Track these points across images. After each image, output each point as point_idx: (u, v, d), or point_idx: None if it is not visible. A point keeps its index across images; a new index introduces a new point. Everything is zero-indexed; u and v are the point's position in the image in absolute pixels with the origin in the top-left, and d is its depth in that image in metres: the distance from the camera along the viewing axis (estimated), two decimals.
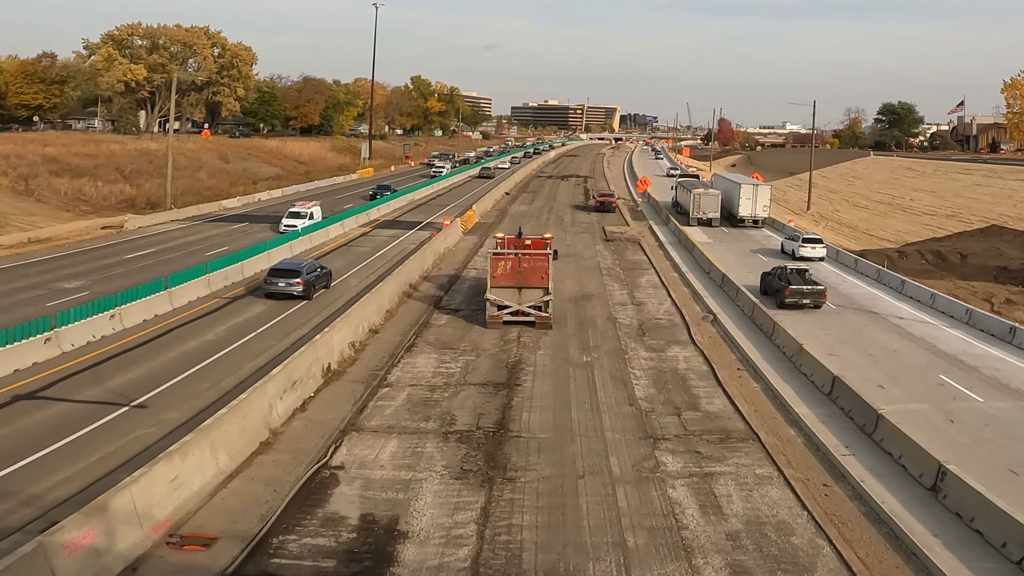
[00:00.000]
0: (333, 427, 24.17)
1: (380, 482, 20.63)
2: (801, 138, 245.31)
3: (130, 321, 33.59)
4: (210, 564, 16.56)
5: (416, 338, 34.24)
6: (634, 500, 20.11)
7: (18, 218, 58.82)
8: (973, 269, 62.84)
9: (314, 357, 27.51)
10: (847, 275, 52.39)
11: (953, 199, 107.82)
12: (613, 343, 34.56)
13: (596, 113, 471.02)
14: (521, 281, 35.90)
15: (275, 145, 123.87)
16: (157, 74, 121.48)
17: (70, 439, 22.27)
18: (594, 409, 26.50)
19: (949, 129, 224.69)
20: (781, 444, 24.10)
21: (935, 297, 43.23)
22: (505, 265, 36.00)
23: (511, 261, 36.11)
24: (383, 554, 17.19)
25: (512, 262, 36.06)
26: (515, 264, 36.03)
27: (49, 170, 72.98)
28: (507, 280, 35.85)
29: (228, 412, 21.30)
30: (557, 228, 67.81)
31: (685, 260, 55.61)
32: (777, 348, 33.57)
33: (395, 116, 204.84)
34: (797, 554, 17.81)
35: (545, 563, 17.14)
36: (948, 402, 27.90)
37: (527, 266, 36.00)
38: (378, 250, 55.64)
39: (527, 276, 35.88)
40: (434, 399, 27.00)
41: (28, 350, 28.02)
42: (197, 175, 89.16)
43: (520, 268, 35.94)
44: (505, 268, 35.97)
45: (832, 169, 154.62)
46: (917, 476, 21.26)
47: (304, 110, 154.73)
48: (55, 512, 17.85)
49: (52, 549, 14.63)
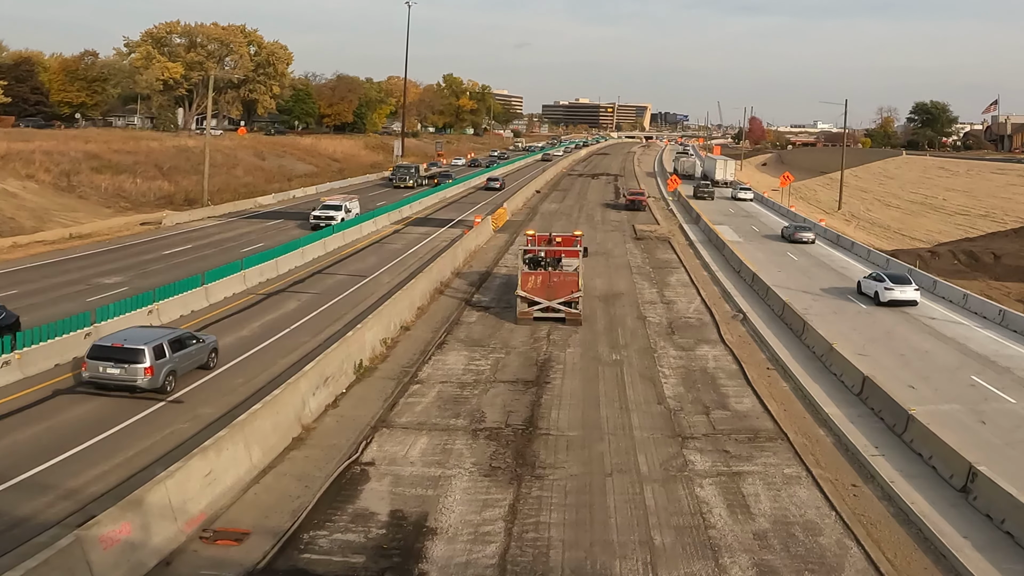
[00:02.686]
0: (364, 423, 24.48)
1: (410, 478, 20.89)
2: (832, 137, 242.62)
3: (167, 316, 34.17)
4: (242, 559, 16.86)
5: (447, 335, 34.51)
6: (662, 499, 20.19)
7: (60, 214, 59.98)
8: (1007, 270, 62.05)
9: (346, 354, 27.85)
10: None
11: (987, 199, 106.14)
12: (642, 341, 34.60)
13: (627, 112, 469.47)
14: (551, 295, 36.14)
15: (309, 143, 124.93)
16: (195, 72, 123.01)
17: (108, 434, 22.75)
18: (623, 407, 26.59)
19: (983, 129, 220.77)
20: (810, 444, 24.05)
21: (967, 297, 42.79)
22: (536, 280, 36.31)
23: (541, 276, 36.45)
24: (412, 550, 17.43)
25: (543, 277, 36.39)
26: (545, 279, 36.28)
27: (90, 167, 74.25)
28: (537, 294, 36.10)
29: (262, 408, 21.66)
30: (587, 226, 67.83)
31: (715, 259, 55.44)
32: (807, 347, 33.43)
33: (427, 114, 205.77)
34: (825, 554, 17.81)
35: (572, 561, 17.29)
36: (980, 403, 27.67)
37: (557, 281, 36.30)
38: (410, 247, 56.03)
39: (556, 291, 36.18)
40: (464, 396, 27.23)
41: (69, 345, 28.62)
42: (233, 172, 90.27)
43: (550, 283, 36.26)
44: (536, 283, 36.29)
45: (864, 168, 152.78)
46: (947, 477, 21.15)
47: (338, 108, 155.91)
48: (92, 506, 18.27)
49: (89, 543, 14.92)
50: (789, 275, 49.74)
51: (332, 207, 62.66)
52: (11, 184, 61.71)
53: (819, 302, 42.75)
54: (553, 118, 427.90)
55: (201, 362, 28.08)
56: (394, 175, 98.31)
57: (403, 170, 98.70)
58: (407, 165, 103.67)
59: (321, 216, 60.97)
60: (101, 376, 25.40)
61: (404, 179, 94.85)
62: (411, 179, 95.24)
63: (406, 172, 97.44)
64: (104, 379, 25.41)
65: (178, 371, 26.39)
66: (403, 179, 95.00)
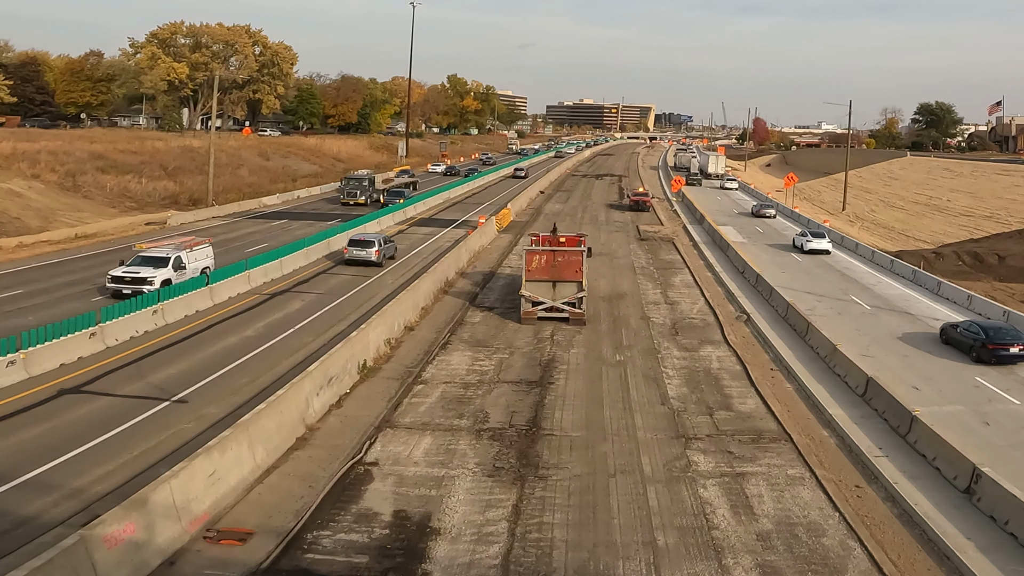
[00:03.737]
0: (368, 423, 24.52)
1: (413, 479, 20.92)
2: (837, 138, 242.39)
3: (172, 317, 34.26)
4: (246, 559, 16.90)
5: (451, 335, 34.54)
6: (665, 499, 20.21)
7: (66, 214, 60.15)
8: (1011, 271, 62.02)
9: (350, 354, 27.89)
10: (882, 276, 51.95)
11: (991, 200, 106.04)
12: (646, 342, 34.61)
13: (631, 112, 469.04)
14: (556, 275, 36.44)
15: (314, 143, 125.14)
16: (199, 72, 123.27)
17: (112, 433, 22.80)
18: (626, 408, 26.61)
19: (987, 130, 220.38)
20: (813, 445, 24.05)
21: (972, 299, 42.76)
22: (540, 259, 36.67)
23: (546, 256, 36.64)
24: (415, 550, 17.46)
25: (547, 256, 36.72)
26: (550, 259, 36.49)
27: (96, 167, 74.44)
28: (542, 274, 36.46)
29: (266, 408, 21.71)
30: (591, 227, 67.91)
31: (719, 259, 55.43)
32: (811, 348, 33.42)
33: (431, 114, 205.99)
34: (828, 555, 17.82)
35: (575, 561, 17.31)
36: (984, 404, 27.64)
37: (561, 260, 36.57)
38: (414, 247, 56.08)
39: (561, 270, 36.40)
40: (468, 396, 27.26)
41: (74, 345, 28.72)
42: (238, 172, 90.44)
43: (555, 262, 36.51)
44: (540, 262, 36.61)
45: (868, 169, 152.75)
46: (951, 478, 21.14)
47: (342, 108, 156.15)
48: (97, 506, 18.33)
49: (93, 542, 14.97)
50: (792, 276, 49.71)
51: (147, 263, 38.56)
52: (17, 184, 61.89)
53: (822, 303, 42.70)
54: (557, 118, 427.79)
55: (392, 254, 50.85)
56: (342, 189, 79.16)
57: (353, 183, 78.69)
58: (359, 176, 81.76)
59: (123, 279, 37.42)
60: (354, 256, 47.93)
61: (355, 194, 76.70)
62: (363, 194, 76.66)
63: (357, 186, 77.88)
64: (355, 258, 47.88)
65: (385, 255, 49.02)
66: (353, 194, 76.83)
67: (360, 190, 76.98)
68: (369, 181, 79.21)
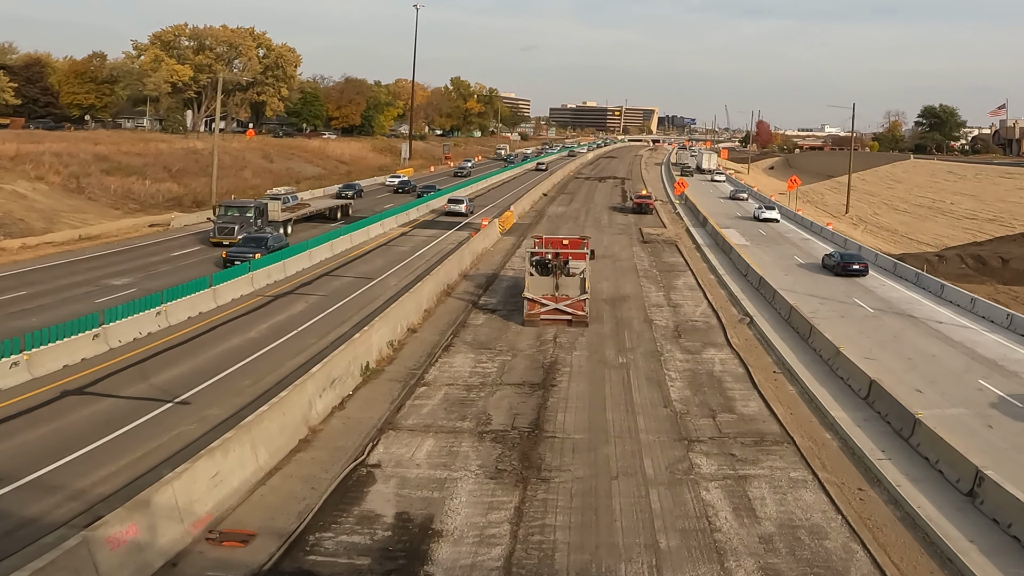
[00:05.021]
0: (371, 425, 24.53)
1: (416, 481, 20.92)
2: (840, 141, 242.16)
3: (175, 318, 34.30)
4: (248, 560, 16.90)
5: (454, 337, 34.55)
6: (667, 502, 20.19)
7: (69, 215, 60.22)
8: (1015, 274, 61.95)
9: (353, 356, 27.91)
10: (886, 279, 51.92)
11: (995, 203, 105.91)
12: (649, 345, 34.60)
13: (634, 115, 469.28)
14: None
15: (317, 145, 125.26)
16: (203, 74, 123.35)
17: (115, 435, 22.82)
18: (629, 410, 26.59)
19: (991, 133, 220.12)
20: (816, 447, 24.02)
21: (975, 301, 42.71)
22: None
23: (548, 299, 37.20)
24: (417, 552, 17.46)
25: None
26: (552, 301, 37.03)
27: (100, 168, 74.50)
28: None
29: (269, 409, 21.72)
30: (594, 229, 67.94)
31: (722, 262, 55.41)
32: (814, 351, 33.40)
33: (435, 117, 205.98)
34: (830, 558, 17.79)
35: (577, 563, 17.30)
36: (987, 407, 27.60)
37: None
38: (417, 250, 56.12)
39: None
40: (470, 399, 27.25)
41: (77, 346, 28.76)
42: (242, 174, 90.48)
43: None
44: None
45: (871, 172, 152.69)
46: (954, 481, 21.11)
47: (346, 110, 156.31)
48: (99, 507, 18.34)
49: (96, 544, 14.96)
50: (795, 279, 49.70)
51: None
52: (21, 186, 61.98)
53: (825, 306, 42.68)
54: (560, 121, 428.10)
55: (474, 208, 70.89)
56: (215, 224, 53.70)
57: (231, 216, 53.68)
58: (241, 206, 55.91)
59: None
60: (449, 210, 70.59)
61: (230, 231, 51.84)
62: (242, 229, 52.03)
63: (233, 220, 53.08)
64: (450, 212, 69.17)
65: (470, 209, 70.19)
66: (229, 231, 51.94)
67: (241, 225, 52.60)
68: (257, 212, 54.87)
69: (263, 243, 47.06)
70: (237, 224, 52.67)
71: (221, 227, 52.67)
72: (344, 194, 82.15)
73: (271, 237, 48.45)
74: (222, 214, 54.27)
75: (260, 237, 48.22)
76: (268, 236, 48.46)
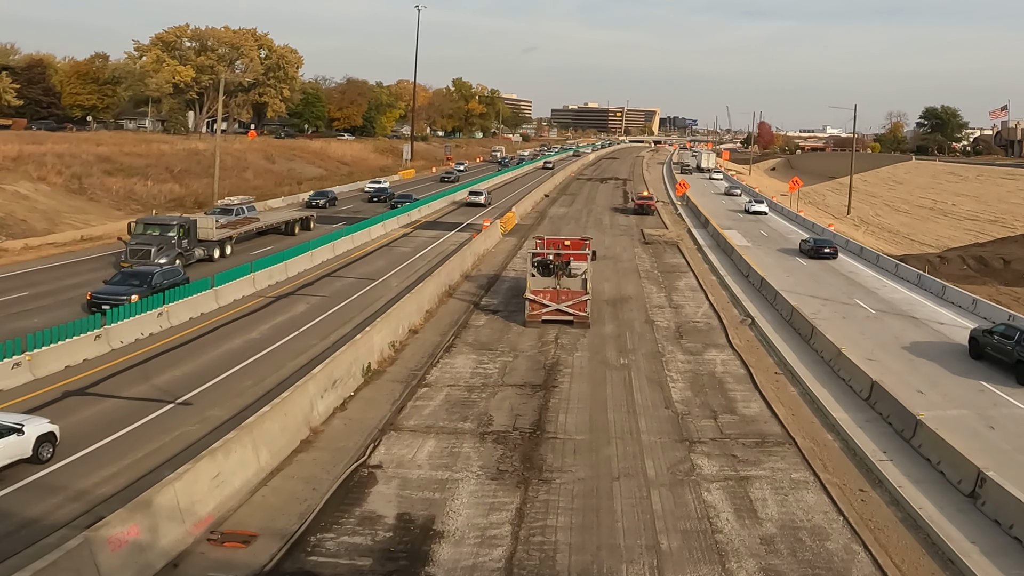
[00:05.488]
0: (372, 426, 24.54)
1: (417, 481, 20.93)
2: (842, 142, 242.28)
3: (177, 319, 34.33)
4: (249, 561, 16.92)
5: (455, 338, 34.56)
6: (669, 503, 20.19)
7: (71, 216, 60.25)
8: (1016, 275, 61.94)
9: (354, 356, 27.93)
10: (887, 279, 51.91)
11: (996, 204, 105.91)
12: (650, 346, 34.59)
13: (636, 116, 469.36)
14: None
15: (319, 146, 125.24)
16: (205, 75, 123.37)
17: (117, 435, 22.86)
18: (630, 411, 26.59)
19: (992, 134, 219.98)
20: (818, 448, 24.01)
21: (977, 303, 42.66)
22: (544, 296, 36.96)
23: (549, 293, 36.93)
24: (419, 553, 17.47)
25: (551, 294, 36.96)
26: (553, 296, 36.86)
27: (102, 169, 74.54)
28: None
29: (270, 410, 21.74)
30: (596, 230, 67.94)
31: (724, 263, 55.40)
32: (815, 352, 33.38)
33: (436, 118, 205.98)
34: (832, 559, 17.78)
35: (579, 564, 17.30)
36: (989, 408, 27.56)
37: (565, 297, 36.76)
38: (419, 251, 56.14)
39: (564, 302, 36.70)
40: (472, 399, 27.26)
41: (79, 347, 28.81)
42: (243, 175, 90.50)
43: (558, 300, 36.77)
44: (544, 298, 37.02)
45: (873, 173, 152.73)
46: (956, 482, 21.09)
47: (347, 111, 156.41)
48: (101, 507, 18.37)
49: (97, 544, 15.01)
50: (796, 280, 49.68)
51: None
52: (23, 186, 62.02)
53: (827, 307, 42.65)
54: (562, 122, 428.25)
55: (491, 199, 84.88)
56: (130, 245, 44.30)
57: (148, 235, 44.74)
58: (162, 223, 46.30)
59: None
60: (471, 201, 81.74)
61: (145, 254, 42.92)
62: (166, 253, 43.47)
63: (150, 241, 44.15)
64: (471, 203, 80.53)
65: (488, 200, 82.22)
66: (144, 253, 43.04)
67: (160, 247, 43.75)
68: (182, 230, 45.59)
69: (146, 280, 36.37)
70: (154, 245, 43.56)
71: (135, 249, 43.51)
72: (315, 202, 75.59)
73: (158, 272, 37.40)
74: (138, 233, 44.92)
75: (143, 272, 37.51)
76: (154, 271, 37.53)
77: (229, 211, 53.47)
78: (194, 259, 46.44)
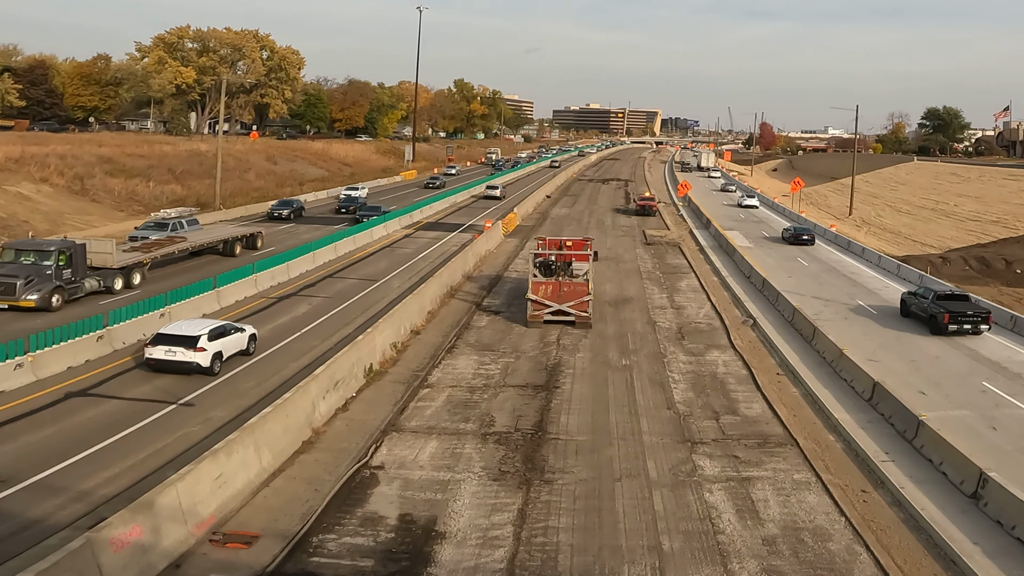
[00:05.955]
0: (374, 427, 24.55)
1: (419, 482, 20.94)
2: (843, 143, 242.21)
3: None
4: (251, 562, 16.94)
5: (457, 339, 34.57)
6: (670, 504, 20.19)
7: (73, 217, 60.29)
8: (1018, 276, 61.97)
9: (356, 357, 27.94)
10: (889, 280, 51.84)
11: (998, 205, 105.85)
12: (652, 347, 34.59)
13: (637, 117, 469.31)
14: (561, 301, 36.56)
15: (321, 147, 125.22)
16: (207, 76, 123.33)
17: (119, 436, 22.87)
18: (632, 412, 26.59)
19: (994, 134, 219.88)
20: (820, 449, 24.01)
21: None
22: (546, 289, 36.74)
23: (552, 286, 36.84)
24: (420, 554, 17.48)
25: (553, 286, 36.81)
26: (556, 288, 36.65)
27: (104, 170, 74.54)
28: (550, 299, 36.55)
29: (272, 411, 21.76)
30: (598, 231, 67.95)
31: (725, 264, 55.38)
32: (817, 353, 33.38)
33: (438, 119, 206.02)
34: (834, 560, 17.78)
35: (580, 565, 17.30)
36: (991, 409, 27.56)
37: (567, 290, 36.70)
38: (421, 251, 56.14)
39: (566, 299, 36.56)
40: (474, 400, 27.27)
41: (81, 348, 28.82)
42: (245, 176, 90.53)
43: (560, 292, 36.65)
44: (546, 292, 36.72)
45: (875, 174, 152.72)
46: (958, 483, 21.08)
47: (349, 112, 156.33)
48: (103, 508, 18.38)
49: (99, 545, 15.01)
50: (798, 281, 49.67)
51: None
52: (26, 187, 62.09)
53: (829, 307, 42.61)
54: (564, 123, 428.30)
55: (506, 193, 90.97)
56: None
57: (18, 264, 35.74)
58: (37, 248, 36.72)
59: None
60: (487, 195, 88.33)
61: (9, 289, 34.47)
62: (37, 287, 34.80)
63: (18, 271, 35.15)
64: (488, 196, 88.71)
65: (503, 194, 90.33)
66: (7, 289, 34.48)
67: (30, 278, 35.02)
68: (63, 257, 36.39)
69: None
70: (22, 277, 34.76)
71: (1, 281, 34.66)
72: (277, 213, 67.66)
73: None
74: (5, 260, 36.07)
75: None
76: None
77: (164, 226, 48.10)
78: (82, 292, 37.30)
